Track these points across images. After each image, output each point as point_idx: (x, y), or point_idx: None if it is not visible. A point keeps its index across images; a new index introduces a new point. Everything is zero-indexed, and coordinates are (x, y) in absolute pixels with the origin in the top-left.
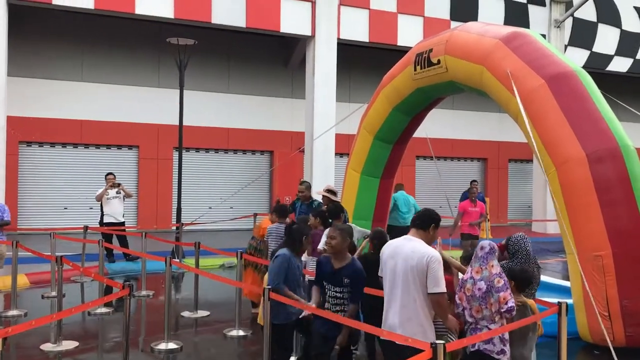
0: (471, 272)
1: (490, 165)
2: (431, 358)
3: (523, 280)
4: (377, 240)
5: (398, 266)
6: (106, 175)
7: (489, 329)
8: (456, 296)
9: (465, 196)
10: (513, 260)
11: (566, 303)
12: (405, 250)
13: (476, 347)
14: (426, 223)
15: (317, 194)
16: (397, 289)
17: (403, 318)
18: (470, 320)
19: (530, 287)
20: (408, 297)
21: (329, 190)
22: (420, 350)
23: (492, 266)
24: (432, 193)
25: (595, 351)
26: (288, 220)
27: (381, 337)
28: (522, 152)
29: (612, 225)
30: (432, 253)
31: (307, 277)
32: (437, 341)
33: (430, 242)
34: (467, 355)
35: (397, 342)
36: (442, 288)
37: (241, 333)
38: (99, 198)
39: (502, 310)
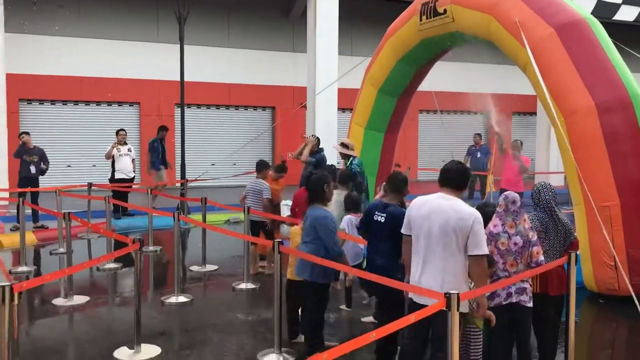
0: (504, 227)
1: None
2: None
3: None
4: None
5: (436, 227)
6: (117, 132)
7: (522, 282)
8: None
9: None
10: (537, 209)
11: (575, 253)
12: (445, 210)
13: (511, 300)
14: (463, 182)
15: (333, 147)
16: (434, 252)
17: (442, 281)
18: (502, 274)
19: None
20: (448, 261)
21: (342, 144)
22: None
23: (525, 220)
24: (435, 147)
25: (600, 300)
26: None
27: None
28: (526, 105)
29: (620, 176)
30: (476, 213)
31: None
32: (452, 291)
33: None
34: (499, 309)
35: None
36: (485, 250)
37: (250, 286)
38: (109, 156)
39: (532, 263)
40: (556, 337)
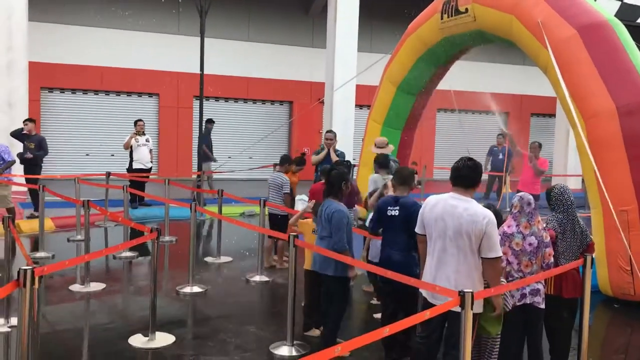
0: (519, 227)
1: (512, 119)
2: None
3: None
4: None
5: (449, 229)
6: (136, 122)
7: (536, 283)
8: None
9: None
10: (556, 211)
11: (591, 256)
12: (458, 212)
13: (525, 301)
14: (474, 180)
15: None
16: (448, 254)
17: (456, 283)
18: (517, 275)
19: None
20: (462, 262)
21: (375, 144)
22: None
23: (539, 221)
24: (453, 147)
25: (615, 304)
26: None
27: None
28: (545, 107)
29: (639, 180)
30: (490, 215)
31: None
32: (466, 290)
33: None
34: (512, 309)
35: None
36: (499, 252)
37: (264, 278)
38: (127, 145)
39: (544, 264)
40: (569, 340)
